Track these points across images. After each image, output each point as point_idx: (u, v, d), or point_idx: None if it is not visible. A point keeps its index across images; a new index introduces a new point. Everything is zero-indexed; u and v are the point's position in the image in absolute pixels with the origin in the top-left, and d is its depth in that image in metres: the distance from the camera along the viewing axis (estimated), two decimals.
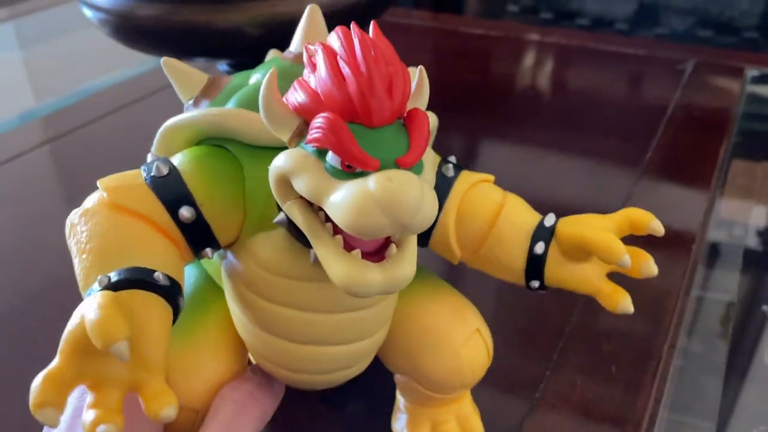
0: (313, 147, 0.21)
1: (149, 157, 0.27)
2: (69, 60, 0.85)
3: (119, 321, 0.19)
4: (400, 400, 0.33)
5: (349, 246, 0.21)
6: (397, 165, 0.20)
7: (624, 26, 0.86)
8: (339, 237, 0.21)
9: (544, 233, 0.27)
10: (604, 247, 0.25)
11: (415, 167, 0.21)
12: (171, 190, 0.24)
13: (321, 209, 0.21)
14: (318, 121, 0.20)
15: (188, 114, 0.26)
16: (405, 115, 0.21)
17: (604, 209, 0.27)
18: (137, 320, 0.20)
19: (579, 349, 0.38)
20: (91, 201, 0.24)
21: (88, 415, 0.19)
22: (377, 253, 0.22)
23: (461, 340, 0.28)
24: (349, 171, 0.20)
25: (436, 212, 0.21)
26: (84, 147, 0.61)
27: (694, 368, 0.46)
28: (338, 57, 0.21)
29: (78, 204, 0.24)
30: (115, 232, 0.22)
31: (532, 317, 0.41)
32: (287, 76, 0.24)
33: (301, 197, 0.22)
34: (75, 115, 0.66)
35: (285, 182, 0.22)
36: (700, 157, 0.55)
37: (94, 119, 0.64)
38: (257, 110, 0.22)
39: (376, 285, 0.21)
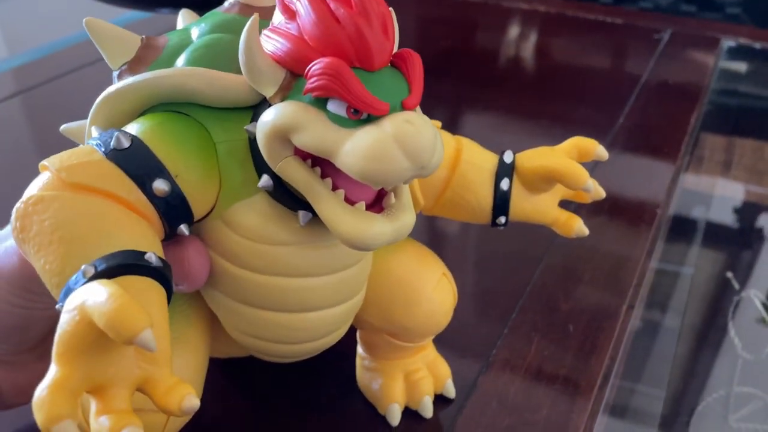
0: (314, 96, 0.20)
1: (93, 132, 0.24)
2: (43, 15, 0.84)
3: (139, 308, 0.16)
4: (364, 359, 0.33)
5: (348, 200, 0.21)
6: (403, 107, 0.20)
7: None
8: (340, 191, 0.21)
9: (506, 170, 0.28)
10: (570, 173, 0.26)
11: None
12: (139, 163, 0.21)
13: (316, 165, 0.21)
14: (317, 67, 0.19)
15: (135, 79, 0.23)
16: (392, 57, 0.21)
17: None
18: None
19: (537, 310, 0.38)
20: (41, 186, 0.20)
21: (102, 425, 0.17)
22: (375, 204, 0.22)
23: (431, 285, 0.29)
24: (355, 118, 0.19)
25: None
26: (55, 99, 0.60)
27: (649, 337, 0.47)
28: None
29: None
30: (87, 215, 0.20)
31: (493, 278, 0.42)
32: (234, 30, 0.23)
33: (295, 154, 0.21)
34: (47, 68, 0.65)
35: (281, 139, 0.20)
36: (670, 128, 0.55)
37: (66, 72, 0.63)
38: (214, 68, 0.21)
39: (385, 235, 0.20)
